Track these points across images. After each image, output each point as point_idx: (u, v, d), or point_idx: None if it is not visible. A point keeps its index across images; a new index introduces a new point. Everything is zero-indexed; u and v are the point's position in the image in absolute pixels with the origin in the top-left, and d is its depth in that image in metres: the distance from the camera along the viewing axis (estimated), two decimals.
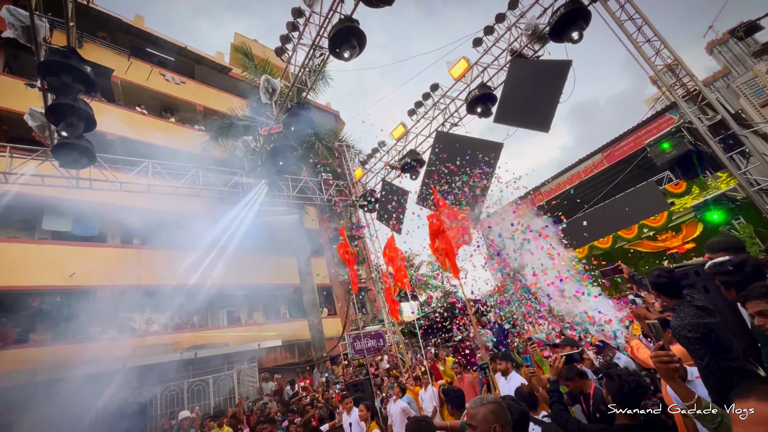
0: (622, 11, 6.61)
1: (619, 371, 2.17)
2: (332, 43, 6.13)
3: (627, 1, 6.59)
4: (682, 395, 1.68)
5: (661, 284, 2.56)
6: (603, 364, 3.34)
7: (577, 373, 2.91)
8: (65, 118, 5.85)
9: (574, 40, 6.71)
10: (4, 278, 9.24)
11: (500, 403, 1.64)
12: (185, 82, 15.40)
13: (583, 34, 6.75)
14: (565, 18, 6.62)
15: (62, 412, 8.67)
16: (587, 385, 2.82)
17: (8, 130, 11.18)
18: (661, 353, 1.76)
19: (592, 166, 12.94)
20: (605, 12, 6.62)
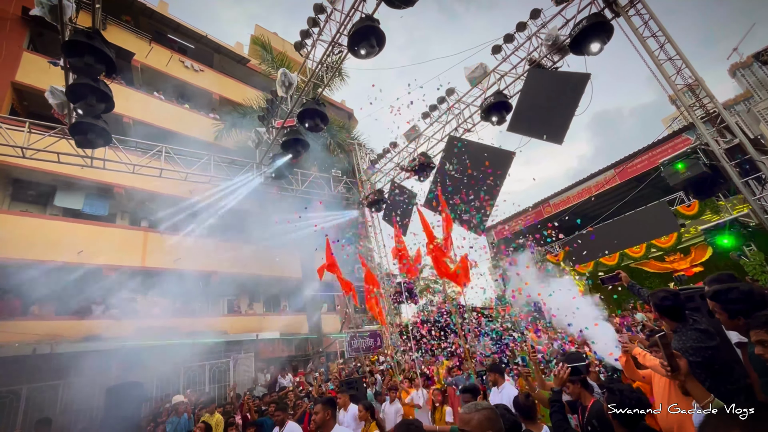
0: (645, 27, 6.55)
1: (622, 386, 2.15)
2: (352, 41, 6.15)
3: (651, 17, 6.53)
4: (699, 395, 1.86)
5: (665, 307, 2.53)
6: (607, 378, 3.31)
7: (580, 380, 2.89)
8: (85, 97, 5.94)
9: (594, 53, 6.66)
10: (14, 251, 9.40)
11: (494, 410, 1.64)
12: (203, 71, 15.55)
13: (604, 47, 6.70)
14: (587, 31, 6.59)
15: (61, 385, 8.83)
16: (586, 397, 2.80)
17: (29, 105, 11.40)
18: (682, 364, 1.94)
19: (603, 181, 12.82)
20: (628, 27, 6.57)
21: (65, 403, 8.76)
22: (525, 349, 7.13)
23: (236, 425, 5.96)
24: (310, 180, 10.86)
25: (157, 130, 12.78)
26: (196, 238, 12.87)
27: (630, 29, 6.56)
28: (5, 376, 8.26)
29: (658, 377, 2.84)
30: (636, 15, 6.60)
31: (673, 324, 2.49)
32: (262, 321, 13.38)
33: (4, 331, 8.55)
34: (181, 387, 10.29)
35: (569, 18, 7.20)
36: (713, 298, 2.08)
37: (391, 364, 10.06)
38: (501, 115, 8.03)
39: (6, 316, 9.03)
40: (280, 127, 8.30)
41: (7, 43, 10.72)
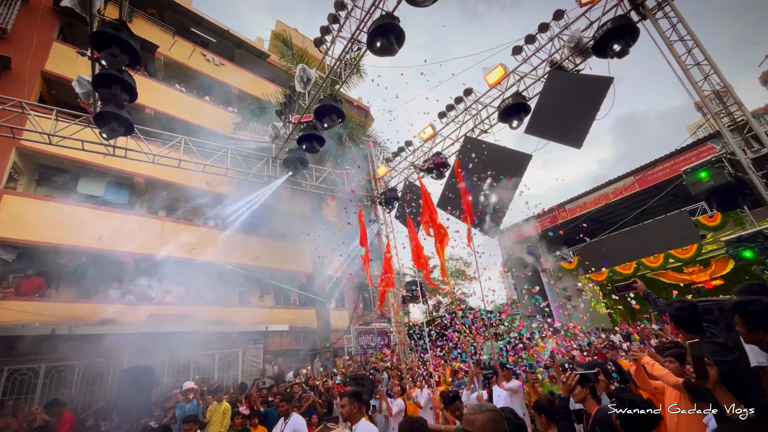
0: (672, 31, 6.37)
1: (632, 397, 2.11)
2: (371, 38, 6.16)
3: (679, 21, 6.34)
4: (727, 401, 1.90)
5: (682, 318, 2.47)
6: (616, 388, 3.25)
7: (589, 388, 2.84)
8: (109, 87, 6.11)
9: (618, 57, 6.51)
10: (38, 234, 9.74)
11: (499, 412, 1.63)
12: (224, 64, 15.79)
13: (629, 51, 6.54)
14: (612, 33, 6.44)
15: (77, 365, 9.13)
16: (591, 405, 2.75)
17: (56, 94, 11.77)
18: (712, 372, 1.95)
19: (622, 188, 12.54)
20: (654, 30, 6.39)
21: (81, 382, 9.06)
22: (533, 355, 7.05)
23: (242, 415, 6.05)
24: (324, 176, 10.92)
25: (177, 122, 13.05)
26: (210, 229, 13.12)
27: (656, 32, 6.38)
28: (26, 354, 8.58)
29: (669, 389, 2.77)
30: (663, 18, 6.43)
31: (690, 336, 2.43)
32: (272, 313, 13.55)
33: (26, 311, 8.88)
34: (191, 374, 10.51)
35: (593, 20, 7.06)
36: (734, 309, 2.02)
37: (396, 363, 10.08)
38: (519, 117, 7.92)
39: (29, 297, 9.37)
40: (297, 122, 8.37)
41: (38, 33, 11.09)
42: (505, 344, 7.24)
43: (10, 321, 8.52)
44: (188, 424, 4.97)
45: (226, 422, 6.21)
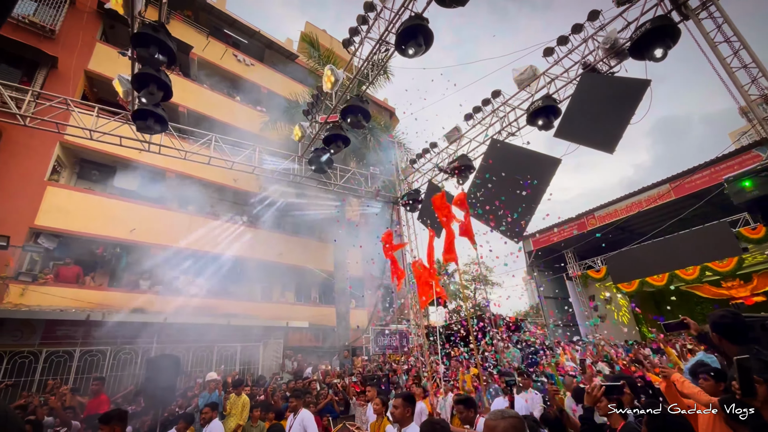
0: (718, 32, 6.03)
1: (665, 412, 2.00)
2: (399, 39, 6.15)
3: (725, 21, 6.00)
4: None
5: (725, 325, 2.33)
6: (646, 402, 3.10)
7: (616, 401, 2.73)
8: (147, 86, 6.36)
9: (657, 59, 6.23)
10: (78, 224, 10.28)
11: (521, 419, 1.58)
12: (254, 65, 16.18)
13: (668, 52, 6.24)
14: (651, 34, 6.16)
15: (108, 350, 9.56)
16: (616, 420, 2.63)
17: (98, 92, 12.39)
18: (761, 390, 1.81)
19: (656, 196, 12.00)
20: (698, 31, 6.07)
21: (111, 367, 9.49)
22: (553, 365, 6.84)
23: (260, 408, 6.16)
24: (348, 176, 11.00)
25: (208, 120, 13.49)
26: (236, 225, 13.46)
27: (700, 33, 6.06)
28: (63, 337, 9.08)
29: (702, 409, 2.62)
30: (708, 18, 6.10)
31: (733, 348, 2.29)
32: (293, 309, 13.77)
33: (64, 297, 9.38)
34: (214, 365, 10.82)
35: (631, 20, 6.78)
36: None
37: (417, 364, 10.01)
38: (548, 120, 7.70)
39: (67, 283, 9.90)
40: (323, 122, 8.46)
41: (83, 34, 11.71)
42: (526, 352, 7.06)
43: (49, 305, 9.03)
44: (206, 408, 5.10)
45: (245, 415, 6.34)
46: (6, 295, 8.69)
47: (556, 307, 16.36)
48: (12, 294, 8.83)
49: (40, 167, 10.13)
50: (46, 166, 10.28)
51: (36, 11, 11.06)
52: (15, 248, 8.39)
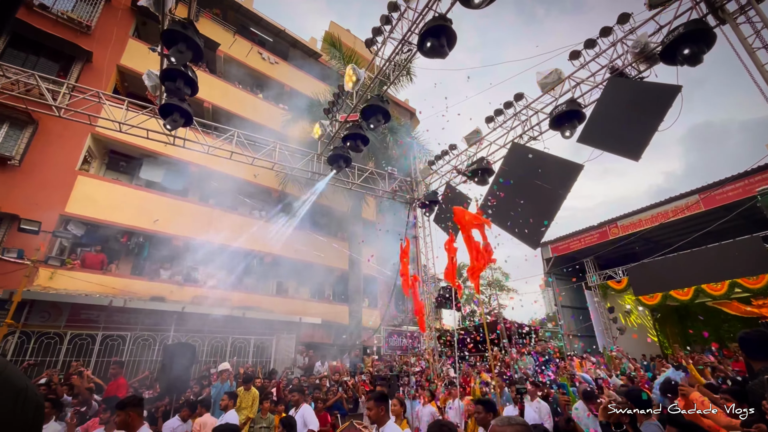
0: (756, 37, 5.75)
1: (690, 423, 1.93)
2: (422, 39, 6.12)
3: (765, 26, 5.71)
4: None
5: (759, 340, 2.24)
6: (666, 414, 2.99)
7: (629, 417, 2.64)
8: (174, 81, 6.55)
9: (690, 64, 5.98)
10: (104, 213, 10.68)
11: (528, 427, 1.57)
12: (278, 63, 16.45)
13: (702, 58, 5.99)
14: (684, 39, 5.93)
15: (128, 335, 9.89)
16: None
17: (128, 86, 12.84)
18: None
19: (684, 207, 11.55)
20: (734, 36, 5.80)
21: (130, 351, 9.82)
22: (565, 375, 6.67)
23: (270, 400, 6.25)
24: (366, 175, 11.03)
25: (231, 116, 13.78)
26: (255, 220, 13.71)
27: (737, 38, 5.79)
28: (86, 321, 9.46)
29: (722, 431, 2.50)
30: (746, 23, 5.82)
31: (758, 364, 2.18)
32: (306, 305, 13.91)
33: (89, 282, 9.76)
34: (228, 355, 11.04)
35: (663, 24, 6.55)
36: None
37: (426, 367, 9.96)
38: (572, 125, 7.52)
39: (93, 269, 10.29)
40: (343, 120, 8.51)
41: (117, 30, 12.16)
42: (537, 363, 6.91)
43: (75, 290, 9.41)
44: (225, 396, 5.21)
45: (255, 408, 6.44)
46: (36, 278, 9.11)
47: (574, 316, 15.96)
48: (41, 277, 9.25)
49: (72, 157, 10.57)
50: (77, 156, 10.71)
51: (74, 7, 11.54)
52: (46, 233, 8.78)
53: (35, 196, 9.57)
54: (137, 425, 3.20)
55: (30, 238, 8.72)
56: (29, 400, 0.77)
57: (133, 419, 3.17)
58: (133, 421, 3.17)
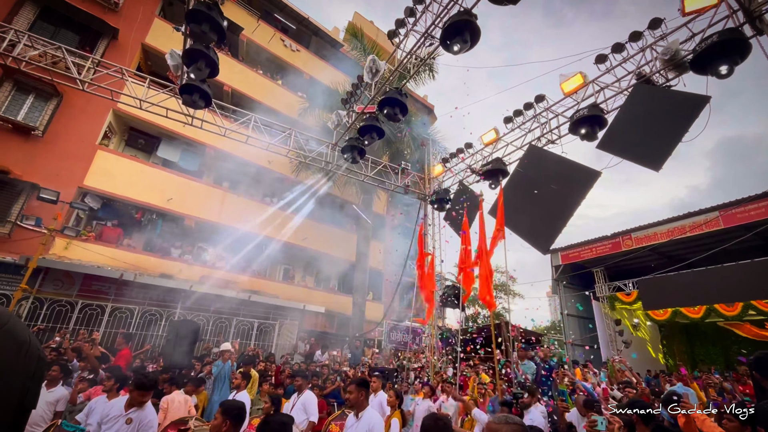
0: None
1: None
2: (445, 33, 6.04)
3: None
4: None
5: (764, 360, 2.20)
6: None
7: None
8: (196, 61, 6.60)
9: (721, 75, 5.78)
10: (121, 188, 10.90)
11: (524, 427, 1.57)
12: (300, 50, 16.45)
13: (734, 69, 5.78)
14: (716, 48, 5.72)
15: (136, 309, 10.11)
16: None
17: (151, 65, 13.01)
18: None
19: (702, 223, 11.25)
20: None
21: (138, 325, 10.05)
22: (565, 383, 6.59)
23: (269, 383, 6.33)
24: (379, 168, 11.01)
25: (250, 100, 13.86)
26: (266, 205, 13.83)
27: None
28: (97, 292, 9.70)
29: None
30: None
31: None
32: (311, 294, 14.03)
33: (102, 254, 9.99)
34: (231, 336, 11.22)
35: (696, 32, 6.33)
36: None
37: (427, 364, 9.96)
38: (592, 130, 7.36)
39: (109, 243, 10.53)
40: (360, 112, 8.48)
41: (143, 9, 12.30)
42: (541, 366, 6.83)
43: (88, 261, 9.65)
44: (238, 375, 5.28)
45: (254, 389, 6.54)
46: (52, 247, 9.36)
47: (578, 325, 15.77)
48: (57, 246, 9.50)
49: (93, 131, 10.79)
50: (98, 130, 10.93)
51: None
52: (63, 204, 8.99)
53: (56, 166, 9.80)
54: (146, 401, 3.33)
55: (48, 207, 8.95)
56: (31, 352, 0.78)
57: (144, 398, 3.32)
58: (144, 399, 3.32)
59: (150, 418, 3.23)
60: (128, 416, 3.17)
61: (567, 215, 7.30)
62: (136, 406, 3.25)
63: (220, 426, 2.39)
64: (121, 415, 3.18)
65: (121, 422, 3.14)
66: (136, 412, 3.20)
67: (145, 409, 3.27)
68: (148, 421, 3.20)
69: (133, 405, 3.25)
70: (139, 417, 3.17)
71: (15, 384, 0.73)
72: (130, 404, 3.25)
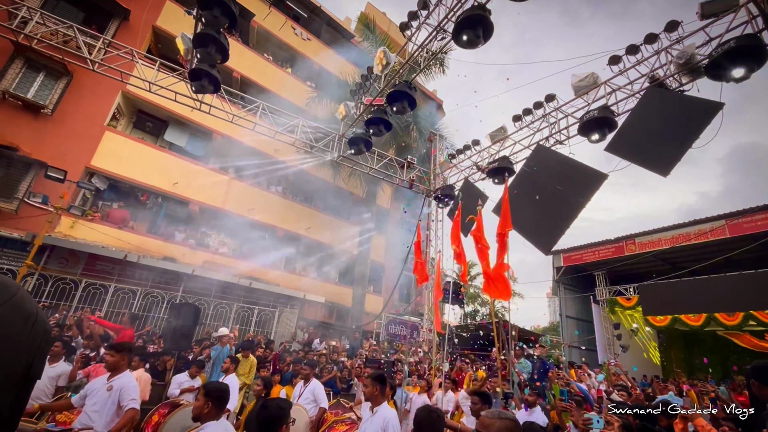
0: None
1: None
2: (457, 27, 5.98)
3: None
4: None
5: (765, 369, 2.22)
6: None
7: None
8: (206, 46, 6.59)
9: (736, 80, 5.69)
10: (127, 170, 10.95)
11: (517, 423, 1.59)
12: (310, 39, 16.35)
13: (750, 75, 5.69)
14: (733, 53, 5.62)
15: (139, 290, 10.23)
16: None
17: (161, 48, 12.98)
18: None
19: (708, 231, 11.16)
20: None
21: (139, 305, 10.17)
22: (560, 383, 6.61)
23: (267, 368, 6.41)
24: (385, 161, 10.98)
25: (258, 88, 13.82)
26: (271, 194, 13.86)
27: None
28: (101, 272, 9.81)
29: None
30: None
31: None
32: (311, 284, 14.09)
33: (107, 234, 10.08)
34: (231, 322, 11.33)
35: (714, 36, 6.22)
36: None
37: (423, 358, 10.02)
38: (601, 132, 7.29)
39: (113, 224, 10.61)
40: (368, 104, 8.44)
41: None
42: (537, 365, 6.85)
43: (93, 240, 9.74)
44: (227, 360, 5.35)
45: (251, 375, 6.62)
46: (58, 225, 9.45)
47: (577, 328, 15.77)
48: (63, 225, 9.59)
49: (101, 112, 10.82)
50: (107, 111, 10.95)
51: None
52: (70, 183, 9.05)
53: (64, 145, 9.86)
54: (122, 369, 3.37)
55: (55, 185, 9.02)
56: (38, 325, 0.80)
57: (123, 362, 3.37)
58: (123, 364, 3.37)
59: (131, 383, 3.26)
60: (109, 384, 3.21)
61: (571, 217, 7.26)
62: (116, 374, 3.30)
63: (202, 407, 2.44)
64: (103, 385, 3.24)
65: (102, 391, 3.18)
66: (116, 380, 3.25)
67: (124, 375, 3.31)
68: (129, 386, 3.23)
69: (112, 373, 3.31)
70: (120, 383, 3.22)
71: (21, 354, 0.75)
72: (111, 373, 3.31)
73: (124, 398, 3.14)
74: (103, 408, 3.09)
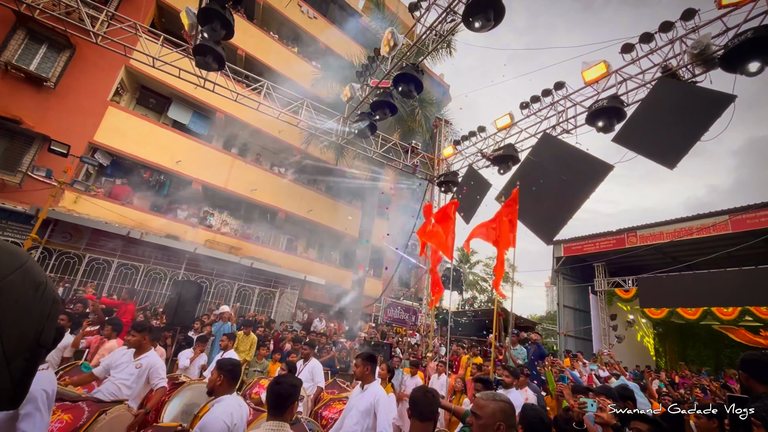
0: None
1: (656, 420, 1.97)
2: (468, 9, 5.84)
3: None
4: None
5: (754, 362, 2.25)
6: None
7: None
8: (211, 21, 6.46)
9: (751, 73, 5.57)
10: (130, 147, 10.91)
11: (511, 405, 1.63)
12: (317, 18, 16.00)
13: (765, 68, 5.56)
14: (749, 45, 5.48)
15: (142, 267, 10.34)
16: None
17: (165, 23, 12.74)
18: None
19: (710, 226, 11.13)
20: None
21: (142, 281, 10.30)
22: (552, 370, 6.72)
23: (266, 347, 6.53)
24: (389, 146, 10.90)
25: (263, 67, 13.63)
26: (273, 175, 13.83)
27: None
28: (104, 247, 9.90)
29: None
30: None
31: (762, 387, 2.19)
32: (312, 265, 14.21)
33: (111, 210, 10.13)
34: (232, 300, 11.49)
35: (731, 26, 6.05)
36: None
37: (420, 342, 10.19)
38: (609, 122, 7.18)
39: (116, 200, 10.65)
40: (374, 86, 8.32)
41: None
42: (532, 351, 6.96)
43: (96, 216, 9.79)
44: (224, 337, 5.45)
45: (252, 352, 6.75)
46: (61, 200, 9.49)
47: (574, 317, 15.92)
48: (66, 199, 9.63)
49: (105, 87, 10.71)
50: (110, 86, 10.84)
51: None
52: (74, 158, 9.03)
53: (67, 120, 9.80)
54: (147, 348, 3.52)
55: (59, 160, 9.01)
56: (48, 293, 0.81)
57: (146, 341, 3.51)
58: (146, 343, 3.51)
59: (158, 363, 3.45)
60: (137, 362, 3.38)
61: (575, 207, 7.25)
62: (141, 352, 3.45)
63: (216, 380, 2.57)
64: (130, 361, 3.39)
65: (131, 367, 3.36)
66: (143, 358, 3.41)
67: (151, 354, 3.49)
68: (157, 365, 3.42)
69: (137, 351, 3.46)
70: (148, 362, 3.40)
71: (32, 321, 0.76)
72: (136, 351, 3.46)
73: (154, 377, 3.37)
74: (134, 384, 3.31)
